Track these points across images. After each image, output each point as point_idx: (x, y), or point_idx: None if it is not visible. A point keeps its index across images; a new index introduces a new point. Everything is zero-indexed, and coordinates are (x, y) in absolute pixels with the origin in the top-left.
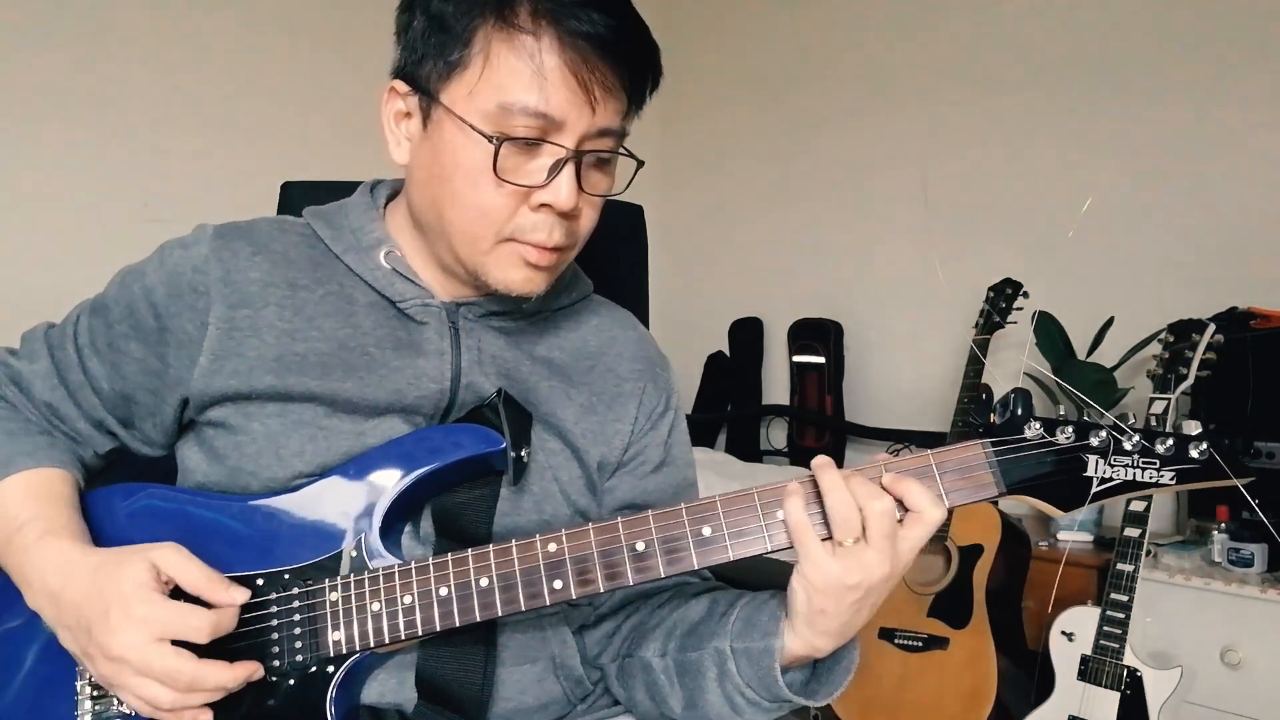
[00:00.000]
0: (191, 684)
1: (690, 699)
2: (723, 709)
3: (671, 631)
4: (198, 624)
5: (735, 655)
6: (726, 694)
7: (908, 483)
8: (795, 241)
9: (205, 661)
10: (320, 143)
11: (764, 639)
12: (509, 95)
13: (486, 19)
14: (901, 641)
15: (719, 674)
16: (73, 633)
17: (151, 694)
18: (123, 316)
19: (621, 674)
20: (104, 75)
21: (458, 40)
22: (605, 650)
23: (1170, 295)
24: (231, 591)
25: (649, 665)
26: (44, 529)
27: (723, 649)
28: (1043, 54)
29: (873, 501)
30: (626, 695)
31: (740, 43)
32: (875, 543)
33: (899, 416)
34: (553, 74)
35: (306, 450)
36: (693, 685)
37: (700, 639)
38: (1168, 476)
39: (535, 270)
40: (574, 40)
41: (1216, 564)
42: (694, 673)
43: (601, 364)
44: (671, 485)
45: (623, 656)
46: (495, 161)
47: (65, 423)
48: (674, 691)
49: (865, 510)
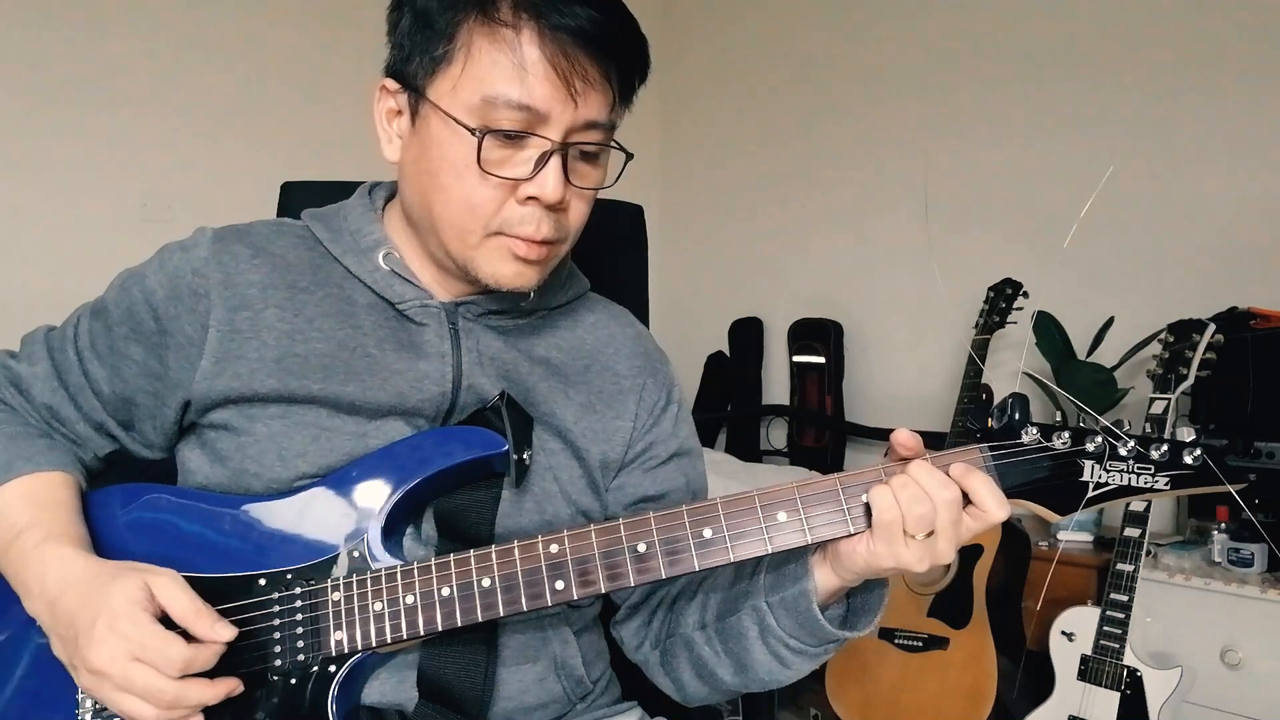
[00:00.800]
0: (173, 703)
1: (739, 663)
2: (771, 665)
3: (705, 603)
4: (172, 656)
5: (772, 608)
6: (771, 649)
7: (977, 477)
8: (795, 241)
9: (186, 681)
10: (320, 143)
11: (795, 583)
12: (491, 88)
13: (469, 14)
14: (901, 641)
15: (760, 630)
16: (63, 641)
17: (134, 709)
18: (123, 319)
19: (665, 658)
20: (103, 75)
21: (441, 35)
22: (645, 639)
23: (1170, 295)
24: (217, 628)
25: (691, 640)
26: (43, 535)
27: (759, 605)
28: (1043, 54)
29: (942, 491)
30: (673, 681)
31: (740, 43)
32: (943, 530)
33: (899, 417)
34: (534, 67)
35: (309, 451)
36: (737, 648)
37: (735, 602)
38: (1162, 482)
39: (525, 264)
40: (555, 33)
41: (1216, 564)
42: (736, 635)
43: (599, 362)
44: (684, 475)
45: (663, 639)
46: (479, 153)
47: (65, 425)
48: (721, 660)
49: (935, 500)
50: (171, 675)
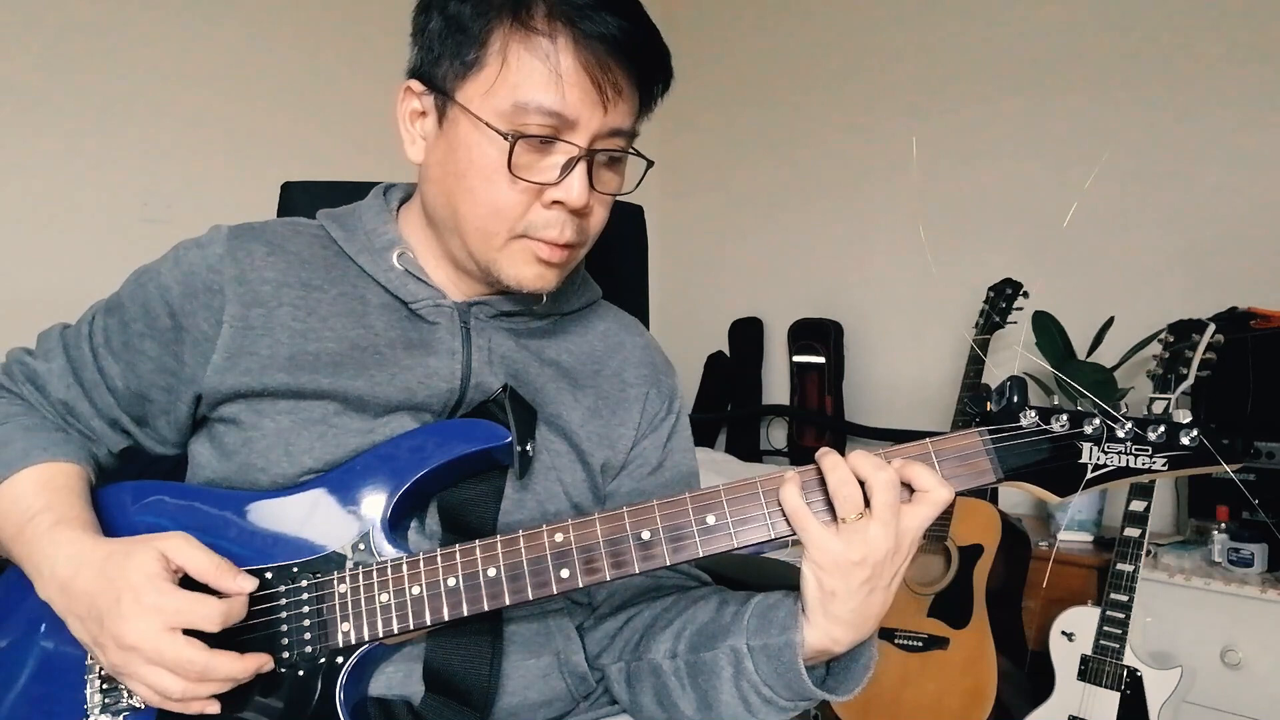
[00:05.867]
0: (203, 674)
1: (704, 700)
2: (737, 709)
3: (680, 633)
4: (208, 613)
5: (753, 653)
6: (742, 693)
7: (915, 465)
8: (795, 241)
9: (217, 652)
10: (320, 143)
11: (782, 633)
12: (525, 94)
13: (503, 20)
14: (901, 641)
15: (734, 673)
16: (84, 622)
17: (162, 683)
18: (138, 315)
19: (628, 678)
20: (103, 75)
21: (474, 41)
22: (607, 651)
23: (1170, 295)
24: (240, 579)
25: (658, 668)
26: (55, 519)
27: (738, 647)
28: (1042, 53)
29: (877, 472)
30: (631, 700)
31: (740, 44)
32: (879, 513)
33: (899, 416)
34: (569, 74)
35: (316, 447)
36: (706, 686)
37: (713, 638)
38: (1160, 463)
39: (547, 267)
40: (589, 41)
41: (1216, 564)
42: (707, 673)
43: (608, 368)
44: (669, 488)
45: (629, 660)
46: (510, 158)
47: (80, 420)
48: (685, 694)
49: (869, 481)
50: (213, 630)
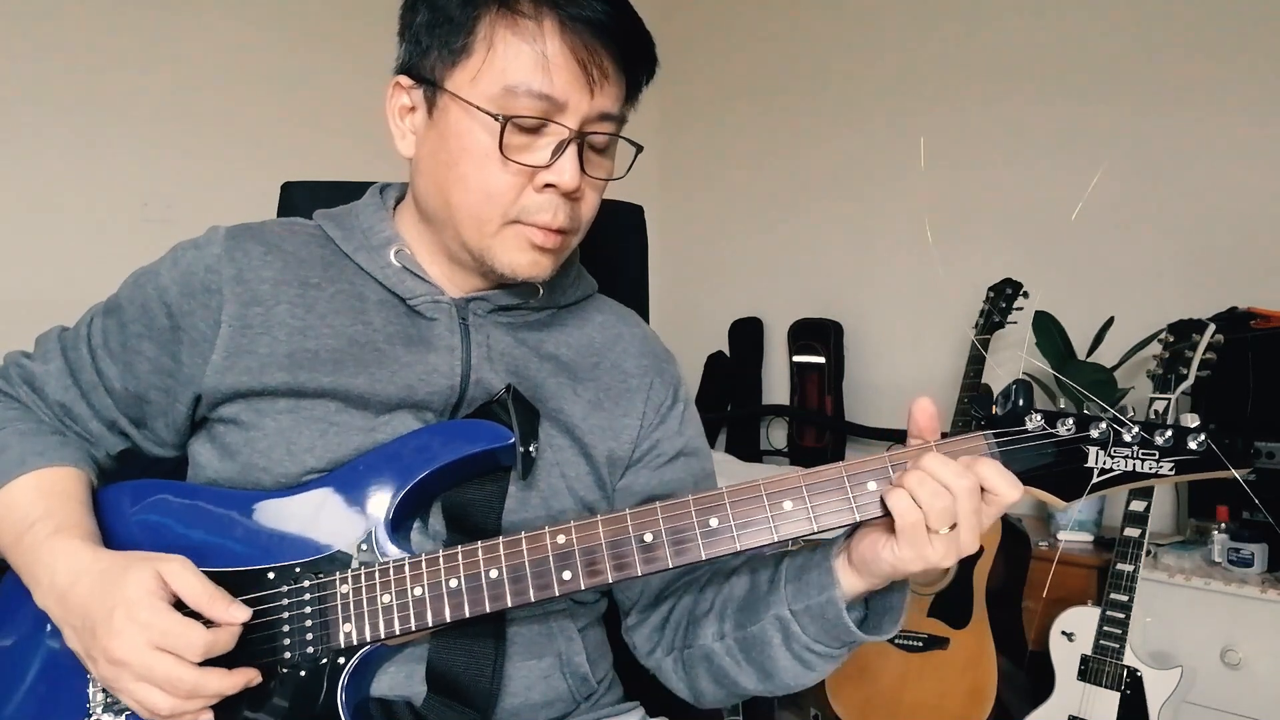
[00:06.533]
0: (192, 691)
1: (762, 671)
2: (795, 669)
3: (722, 613)
4: (192, 641)
5: (796, 616)
6: (796, 654)
7: (985, 464)
8: (795, 241)
9: (205, 670)
10: (320, 143)
11: (822, 592)
12: (513, 78)
13: (489, 6)
14: (901, 641)
15: (784, 638)
16: (77, 633)
17: (151, 699)
18: (136, 316)
19: (684, 668)
20: (103, 75)
21: (461, 28)
22: (658, 645)
23: (1170, 295)
24: (232, 609)
25: (710, 652)
26: (54, 527)
27: (782, 615)
28: (1042, 54)
29: (959, 480)
30: (690, 687)
31: (740, 43)
32: (965, 520)
33: (899, 416)
34: (555, 57)
35: (318, 446)
36: (761, 657)
37: (755, 612)
38: (1167, 467)
39: (541, 253)
40: (575, 25)
41: (1216, 564)
42: (759, 645)
43: (607, 360)
44: (691, 475)
45: (680, 649)
46: (502, 138)
47: (78, 423)
48: (743, 670)
49: (952, 488)
50: (194, 660)
